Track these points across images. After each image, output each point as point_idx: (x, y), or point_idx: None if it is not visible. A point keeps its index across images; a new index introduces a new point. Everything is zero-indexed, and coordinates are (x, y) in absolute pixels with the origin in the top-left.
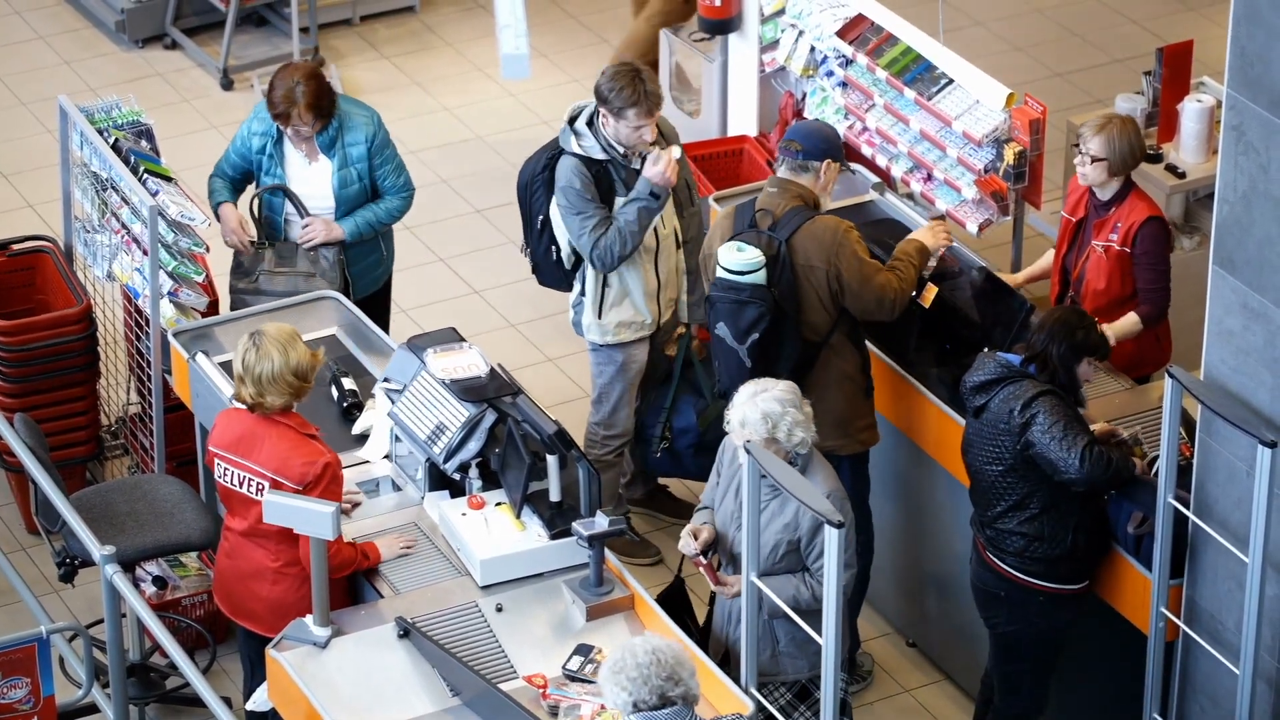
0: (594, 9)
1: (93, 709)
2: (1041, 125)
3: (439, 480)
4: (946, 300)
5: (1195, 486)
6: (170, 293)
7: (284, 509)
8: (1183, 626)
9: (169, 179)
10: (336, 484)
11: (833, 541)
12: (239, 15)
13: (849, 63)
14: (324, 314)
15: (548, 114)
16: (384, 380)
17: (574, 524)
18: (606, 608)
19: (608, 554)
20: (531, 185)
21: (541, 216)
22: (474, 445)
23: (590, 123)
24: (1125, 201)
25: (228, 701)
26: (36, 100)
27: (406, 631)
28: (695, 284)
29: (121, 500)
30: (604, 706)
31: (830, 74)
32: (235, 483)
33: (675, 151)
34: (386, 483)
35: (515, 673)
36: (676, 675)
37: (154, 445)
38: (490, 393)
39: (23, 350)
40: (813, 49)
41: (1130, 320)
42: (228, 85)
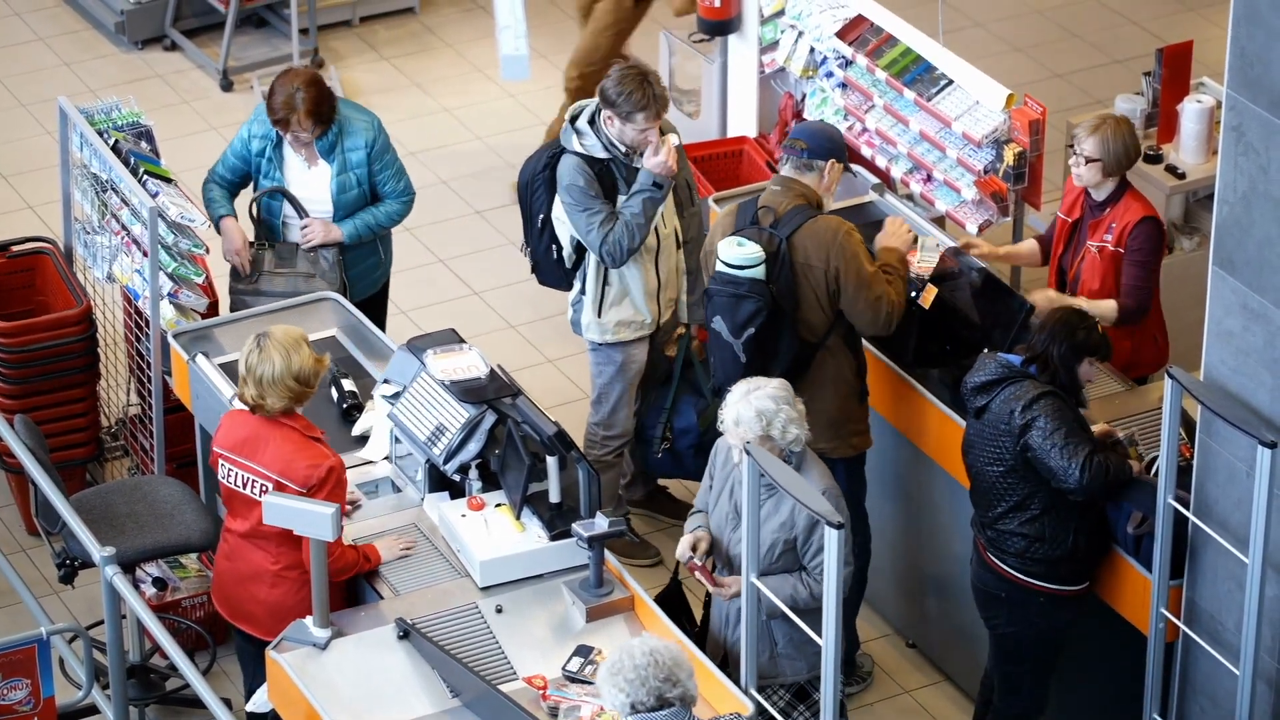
0: None
1: (93, 710)
2: (1041, 126)
3: (439, 481)
4: (946, 301)
5: (1195, 487)
6: (170, 294)
7: (284, 510)
8: (1183, 627)
9: (169, 180)
10: (341, 488)
11: (833, 543)
12: (239, 17)
13: (849, 64)
14: (324, 315)
15: (547, 115)
16: (383, 381)
17: (574, 525)
18: (606, 609)
19: (607, 555)
20: (532, 184)
21: (542, 215)
22: (474, 446)
23: (592, 121)
24: (1120, 202)
25: (228, 703)
26: (36, 102)
27: (406, 633)
28: (695, 284)
29: (121, 501)
30: (603, 708)
31: (830, 75)
32: (239, 484)
33: (674, 139)
34: (386, 484)
35: (515, 674)
36: (674, 677)
37: (154, 446)
38: (490, 394)
39: (23, 351)
40: (812, 50)
41: (1109, 305)
42: (227, 87)
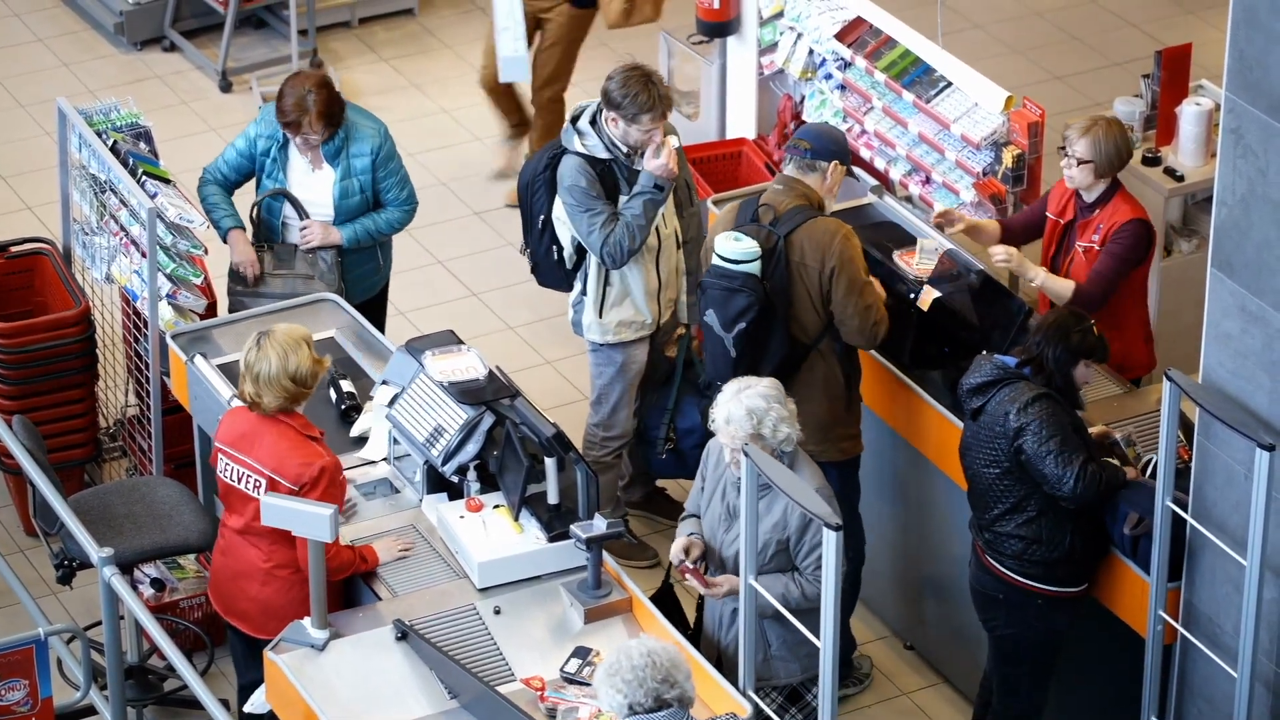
0: None
1: (91, 711)
2: (1040, 128)
3: (437, 483)
4: (944, 303)
5: (1193, 489)
6: (168, 295)
7: (282, 511)
8: (1181, 630)
9: (167, 181)
10: (335, 488)
11: (831, 544)
12: (238, 18)
13: (847, 65)
14: (322, 316)
15: None
16: (382, 383)
17: (572, 526)
18: (604, 610)
19: (606, 556)
20: (533, 185)
21: (543, 216)
22: (472, 448)
23: (593, 121)
24: (1110, 203)
25: (225, 703)
26: (35, 102)
27: (404, 634)
28: (695, 284)
29: (119, 502)
30: (601, 709)
31: (829, 77)
32: (234, 478)
33: (675, 141)
34: (384, 485)
35: (513, 675)
36: (672, 678)
37: (152, 447)
38: (488, 395)
39: (21, 352)
40: (811, 52)
41: (1066, 285)
42: (226, 88)
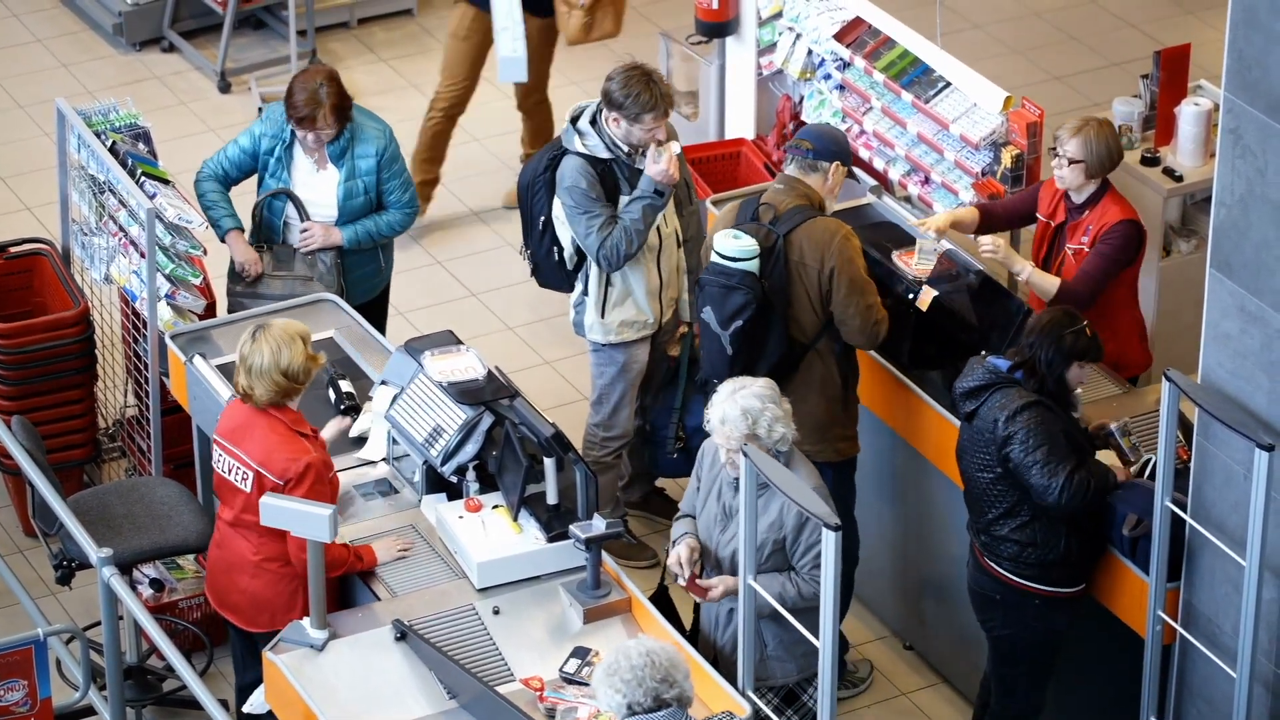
0: None
1: (90, 711)
2: (1039, 128)
3: (436, 483)
4: (943, 304)
5: (1192, 490)
6: (168, 295)
7: (281, 511)
8: (1180, 630)
9: (166, 182)
10: (323, 485)
11: (829, 545)
12: (236, 18)
13: (846, 66)
14: (322, 317)
15: None
16: (381, 383)
17: (571, 527)
18: (604, 610)
19: (605, 557)
20: (533, 186)
21: (543, 217)
22: (471, 448)
23: (593, 121)
24: (1099, 204)
25: (224, 704)
26: (34, 103)
27: (403, 634)
28: (695, 283)
29: (119, 503)
30: (600, 709)
31: (828, 77)
32: (226, 470)
33: (675, 147)
34: (384, 485)
35: (512, 675)
36: (671, 678)
37: (151, 448)
38: (488, 395)
39: (20, 353)
40: (810, 52)
41: (1052, 281)
42: (225, 88)
